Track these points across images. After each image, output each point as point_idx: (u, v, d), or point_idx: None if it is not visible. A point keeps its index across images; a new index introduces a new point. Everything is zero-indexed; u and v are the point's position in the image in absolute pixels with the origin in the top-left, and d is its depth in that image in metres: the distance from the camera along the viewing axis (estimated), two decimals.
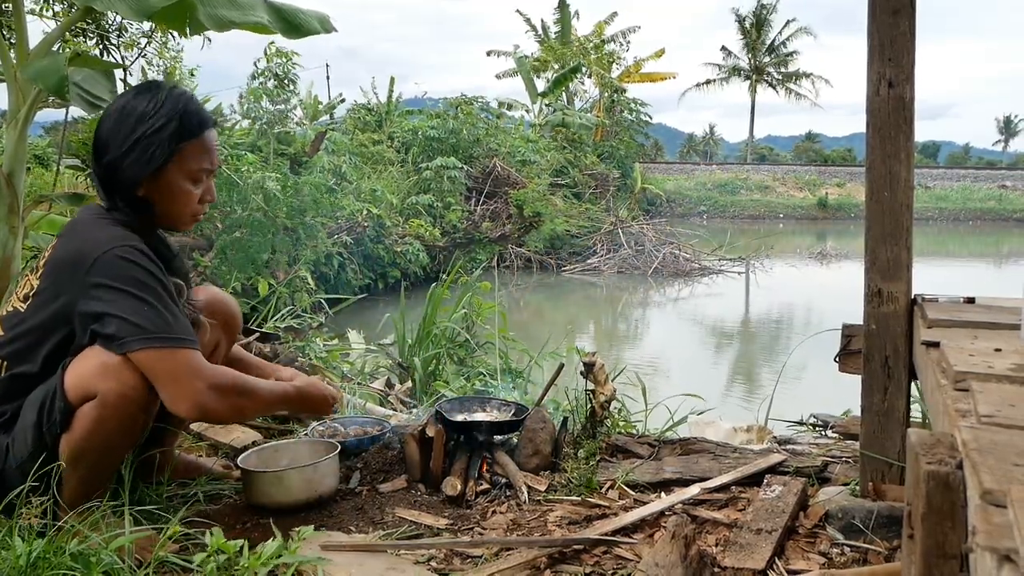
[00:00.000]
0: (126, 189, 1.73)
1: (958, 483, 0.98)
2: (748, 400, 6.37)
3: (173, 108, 1.73)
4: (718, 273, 15.97)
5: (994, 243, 27.21)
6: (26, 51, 2.97)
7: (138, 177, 1.71)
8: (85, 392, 1.62)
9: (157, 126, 1.70)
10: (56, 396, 1.63)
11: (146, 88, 1.79)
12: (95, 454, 1.66)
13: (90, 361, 1.63)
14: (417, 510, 2.03)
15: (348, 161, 12.60)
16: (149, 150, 1.70)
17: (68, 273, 1.66)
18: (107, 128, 1.73)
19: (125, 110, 1.73)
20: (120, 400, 1.62)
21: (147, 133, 1.70)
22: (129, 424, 1.67)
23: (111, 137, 1.72)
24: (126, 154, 1.70)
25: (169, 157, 1.72)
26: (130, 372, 1.62)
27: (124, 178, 1.72)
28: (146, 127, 1.70)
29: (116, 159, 1.71)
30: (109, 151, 1.72)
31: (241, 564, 1.56)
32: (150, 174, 1.72)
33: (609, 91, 29.30)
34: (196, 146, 1.77)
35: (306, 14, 3.09)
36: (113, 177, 1.73)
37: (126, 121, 1.71)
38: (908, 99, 1.94)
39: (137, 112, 1.71)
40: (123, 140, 1.70)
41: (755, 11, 47.03)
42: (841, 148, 68.35)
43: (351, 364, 4.06)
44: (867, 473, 2.02)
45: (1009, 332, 1.70)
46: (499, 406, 2.58)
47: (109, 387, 1.60)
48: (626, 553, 1.78)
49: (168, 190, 1.76)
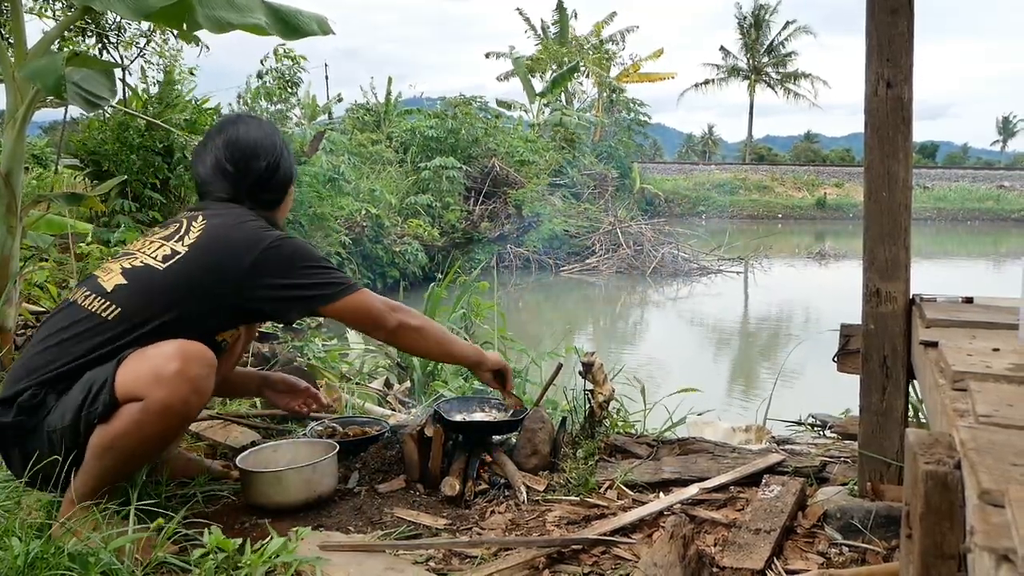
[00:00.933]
0: (283, 185, 2.03)
1: (956, 483, 0.98)
2: (746, 400, 6.37)
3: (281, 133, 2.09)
4: (717, 273, 15.98)
5: (992, 243, 27.24)
6: (24, 51, 2.97)
7: (292, 175, 2.05)
8: (133, 393, 1.64)
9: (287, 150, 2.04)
10: (105, 387, 1.65)
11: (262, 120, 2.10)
12: (123, 454, 1.67)
13: (145, 364, 1.66)
14: (416, 510, 2.03)
15: (347, 161, 12.60)
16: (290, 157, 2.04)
17: (237, 250, 1.82)
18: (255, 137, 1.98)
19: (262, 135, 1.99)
20: (165, 411, 1.64)
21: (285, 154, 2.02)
22: (165, 434, 1.70)
23: (265, 144, 1.98)
24: (282, 157, 2.00)
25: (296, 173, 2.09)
26: (182, 384, 1.64)
27: (283, 176, 2.01)
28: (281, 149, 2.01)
29: (276, 161, 1.98)
30: (266, 155, 1.97)
31: (242, 562, 1.55)
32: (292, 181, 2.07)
33: (607, 91, 29.30)
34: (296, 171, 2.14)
35: (304, 16, 3.09)
36: (273, 176, 1.99)
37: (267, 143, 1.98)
38: (906, 99, 1.94)
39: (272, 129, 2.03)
40: (277, 146, 1.99)
41: (754, 11, 47.07)
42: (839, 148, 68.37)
43: (350, 364, 4.05)
44: (865, 473, 2.02)
45: (1007, 332, 1.71)
46: (498, 406, 2.58)
47: (158, 396, 1.63)
48: (625, 553, 1.78)
49: (289, 198, 2.08)
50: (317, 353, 3.81)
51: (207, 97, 8.39)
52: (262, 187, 1.98)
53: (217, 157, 1.95)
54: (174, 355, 1.66)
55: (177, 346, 1.68)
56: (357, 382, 3.64)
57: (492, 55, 30.91)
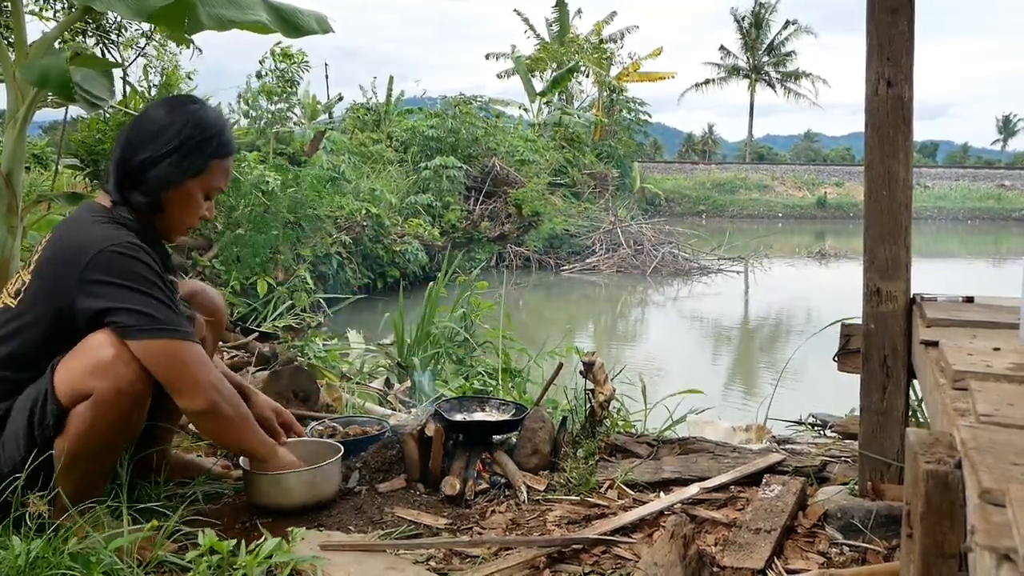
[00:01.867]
0: (154, 188, 1.74)
1: (957, 482, 0.98)
2: (747, 399, 6.37)
3: (215, 126, 1.78)
4: (717, 272, 15.97)
5: (993, 242, 27.23)
6: (25, 50, 2.97)
7: (172, 179, 1.74)
8: (77, 392, 1.60)
9: (199, 139, 1.74)
10: (47, 398, 1.61)
11: (187, 101, 1.85)
12: (91, 454, 1.65)
13: (80, 361, 1.62)
14: (416, 510, 2.03)
15: (347, 161, 12.60)
16: (187, 159, 1.74)
17: (64, 269, 1.65)
18: (145, 130, 1.74)
19: (173, 113, 1.75)
20: (116, 397, 1.61)
21: (193, 141, 1.74)
22: (124, 422, 1.66)
23: (149, 139, 1.73)
24: (167, 155, 1.72)
25: (200, 170, 1.77)
26: (124, 368, 1.61)
27: (156, 177, 1.73)
28: (192, 135, 1.73)
29: (155, 157, 1.72)
30: (147, 148, 1.73)
31: (238, 563, 1.55)
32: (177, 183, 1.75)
33: (608, 90, 29.29)
34: (222, 166, 1.83)
35: (305, 14, 3.09)
36: (144, 174, 1.73)
37: (169, 128, 1.73)
38: (907, 98, 1.94)
39: (184, 119, 1.74)
40: (167, 142, 1.72)
41: (754, 10, 47.04)
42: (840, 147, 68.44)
43: (350, 364, 4.05)
44: (866, 472, 2.02)
45: (1008, 331, 1.71)
46: (498, 405, 2.58)
47: (104, 385, 1.59)
48: (625, 553, 1.78)
49: (184, 199, 1.79)
50: (317, 353, 3.81)
51: (207, 97, 8.39)
52: (131, 183, 1.74)
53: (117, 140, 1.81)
54: (105, 342, 1.61)
55: (105, 334, 1.62)
56: (357, 382, 3.64)
57: (492, 56, 30.89)
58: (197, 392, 1.67)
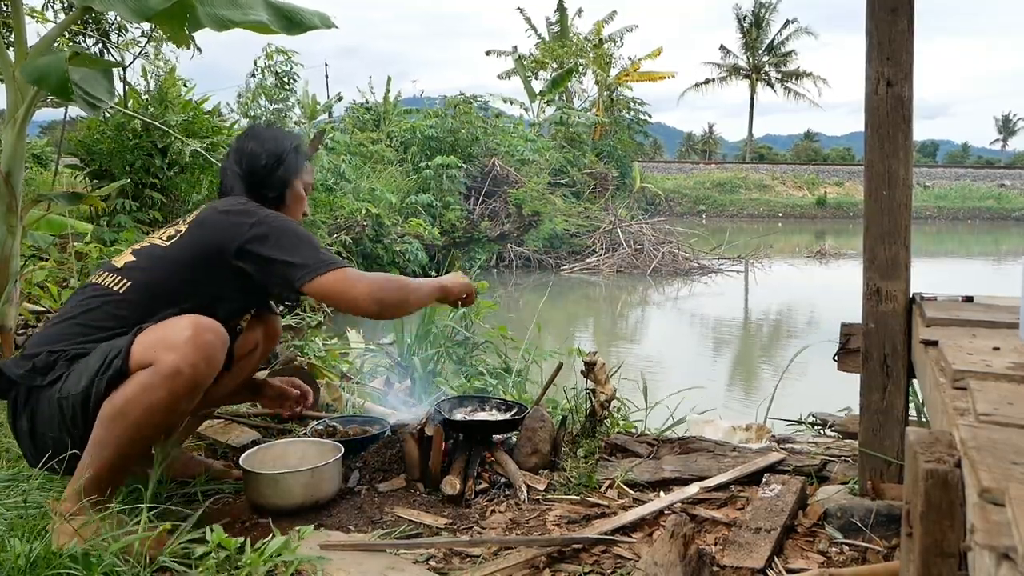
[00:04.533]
0: (280, 186, 2.12)
1: (956, 481, 0.98)
2: (747, 399, 6.37)
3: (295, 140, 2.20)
4: (717, 272, 15.96)
5: (992, 242, 27.22)
6: (25, 50, 2.97)
7: (290, 177, 2.13)
8: (145, 360, 1.69)
9: (293, 146, 2.17)
10: (120, 354, 1.70)
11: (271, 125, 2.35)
12: (129, 422, 1.67)
13: (159, 332, 1.73)
14: (416, 509, 2.03)
15: (347, 160, 12.60)
16: (292, 163, 2.14)
17: (231, 222, 1.92)
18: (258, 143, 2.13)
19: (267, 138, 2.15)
20: (174, 374, 1.67)
21: (290, 148, 2.15)
22: (172, 404, 1.70)
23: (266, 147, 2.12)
24: (277, 163, 2.11)
25: (299, 171, 2.17)
26: (193, 350, 1.68)
27: (279, 177, 2.11)
28: (288, 142, 2.16)
29: (275, 160, 2.11)
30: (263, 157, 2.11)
31: (242, 561, 1.55)
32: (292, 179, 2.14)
33: (608, 90, 29.28)
34: (306, 167, 2.22)
35: (305, 11, 3.09)
36: (271, 176, 2.10)
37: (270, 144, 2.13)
38: (907, 98, 1.94)
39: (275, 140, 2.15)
40: (273, 155, 2.11)
41: (754, 10, 47.06)
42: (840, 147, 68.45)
43: (350, 363, 4.04)
44: (866, 472, 2.02)
45: (1007, 331, 1.71)
46: (498, 405, 2.58)
47: (168, 359, 1.67)
48: (625, 552, 1.78)
49: (295, 194, 2.17)
50: (317, 352, 3.81)
51: (206, 97, 8.39)
52: (261, 182, 2.10)
53: (226, 164, 2.15)
54: (188, 325, 1.73)
55: (191, 319, 1.76)
56: (357, 381, 3.63)
57: (493, 53, 30.89)
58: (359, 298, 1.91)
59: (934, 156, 69.43)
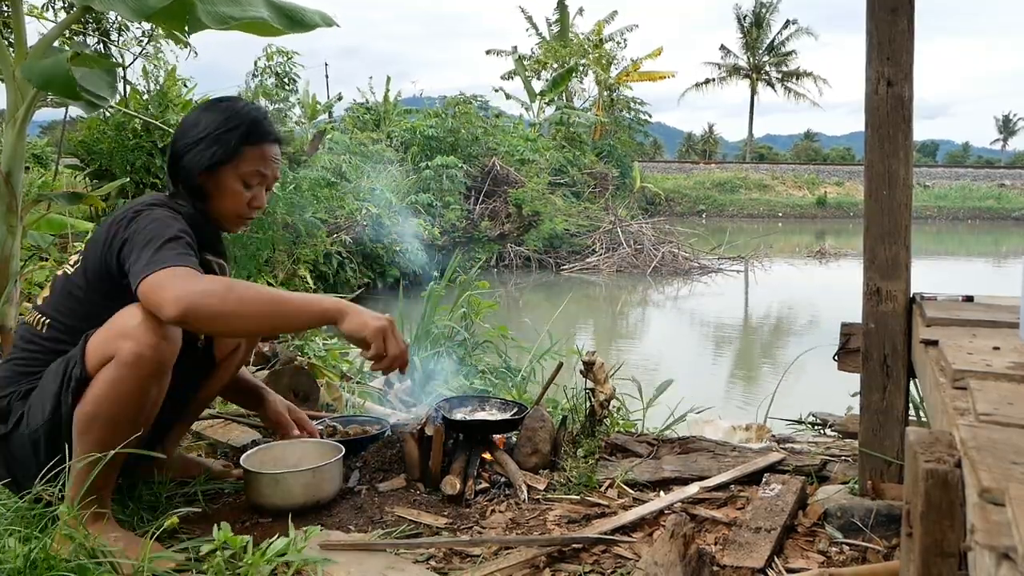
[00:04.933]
0: (186, 176, 1.89)
1: (957, 481, 0.98)
2: (747, 398, 6.37)
3: (245, 115, 1.91)
4: (717, 272, 15.96)
5: (993, 242, 27.21)
6: (25, 50, 2.97)
7: (197, 167, 1.87)
8: (103, 357, 1.64)
9: (227, 127, 1.88)
10: (77, 363, 1.66)
11: (226, 99, 1.99)
12: (107, 421, 1.63)
13: (109, 327, 1.67)
14: (416, 509, 2.03)
15: (347, 160, 12.59)
16: (212, 147, 1.87)
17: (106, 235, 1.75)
18: (186, 123, 1.93)
19: (206, 110, 1.93)
20: (137, 360, 1.61)
21: (216, 131, 1.87)
22: (141, 388, 1.64)
23: (187, 129, 1.91)
24: (195, 144, 1.87)
25: (229, 157, 1.88)
26: (148, 332, 1.62)
27: (185, 166, 1.89)
28: (217, 126, 1.88)
29: (184, 148, 1.89)
30: (180, 140, 1.90)
31: (245, 561, 1.55)
32: (207, 168, 1.87)
33: (608, 90, 29.27)
34: (255, 153, 1.92)
35: (306, 9, 3.08)
36: (177, 163, 1.90)
37: (203, 119, 1.90)
38: (907, 98, 1.94)
39: (213, 113, 1.90)
40: (196, 133, 1.88)
41: (754, 10, 47.06)
42: (840, 147, 68.47)
43: (350, 363, 4.04)
44: (866, 471, 2.02)
45: (1008, 330, 1.71)
46: (498, 405, 2.58)
47: (126, 346, 1.61)
48: (625, 552, 1.78)
49: (221, 186, 1.90)
50: (318, 352, 3.81)
51: (207, 97, 8.39)
52: (174, 171, 1.92)
53: None
54: (136, 311, 1.64)
55: (137, 305, 1.65)
56: (358, 381, 3.63)
57: (493, 52, 30.89)
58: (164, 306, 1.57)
59: (934, 156, 69.44)
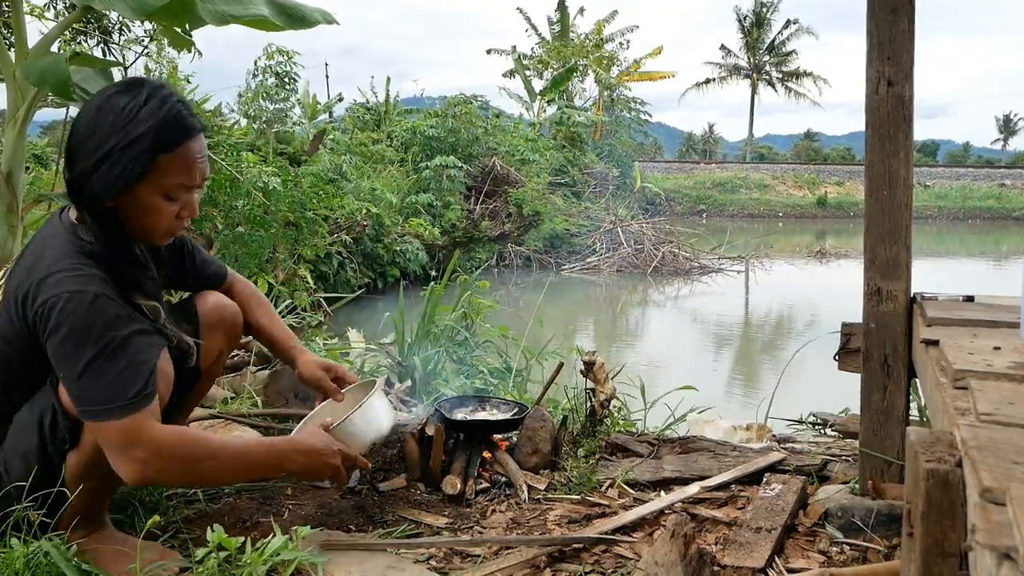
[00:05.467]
0: (92, 203, 1.55)
1: (957, 481, 0.98)
2: (748, 398, 6.36)
3: (151, 117, 1.52)
4: (717, 272, 15.96)
5: (993, 242, 27.22)
6: (25, 50, 2.97)
7: (105, 193, 1.53)
8: None
9: (131, 138, 1.51)
10: (57, 413, 1.54)
11: (126, 88, 1.57)
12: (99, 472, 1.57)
13: None
14: (417, 509, 2.03)
15: (348, 160, 12.60)
16: (119, 164, 1.51)
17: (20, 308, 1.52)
18: (80, 134, 1.55)
19: (100, 113, 1.54)
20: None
21: (119, 146, 1.50)
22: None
23: (82, 144, 1.54)
24: (95, 166, 1.52)
25: (142, 173, 1.53)
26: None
27: (91, 191, 1.54)
28: (119, 138, 1.51)
29: (85, 171, 1.53)
30: (78, 161, 1.54)
31: (243, 560, 1.55)
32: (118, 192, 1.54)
33: (608, 90, 29.28)
34: (173, 161, 1.56)
35: (307, 7, 3.08)
36: (81, 189, 1.55)
37: (99, 128, 1.52)
38: (907, 98, 1.94)
39: (111, 119, 1.52)
40: (94, 150, 1.52)
41: (755, 10, 47.06)
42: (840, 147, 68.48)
43: (351, 363, 4.04)
44: (867, 471, 2.02)
45: (1008, 330, 1.71)
46: (499, 405, 2.58)
47: None
48: (626, 552, 1.78)
49: (139, 206, 1.58)
50: (318, 352, 3.81)
51: (207, 97, 8.40)
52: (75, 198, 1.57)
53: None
54: None
55: None
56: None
57: (494, 52, 30.90)
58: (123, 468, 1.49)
59: (935, 156, 69.39)
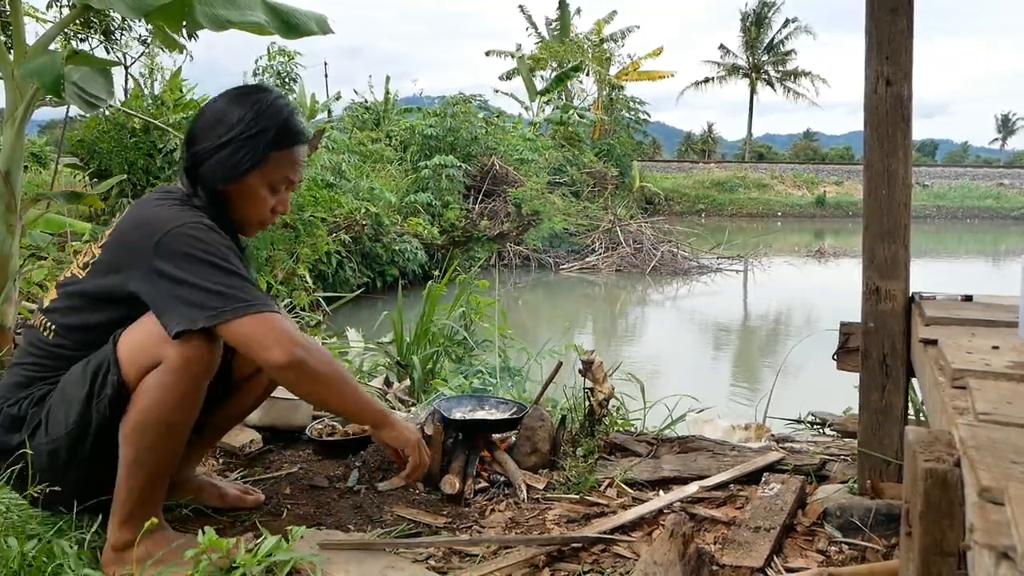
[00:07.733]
0: (207, 183, 1.73)
1: (956, 481, 0.98)
2: (747, 398, 6.37)
3: (273, 117, 1.74)
4: (716, 271, 15.96)
5: (992, 241, 27.23)
6: (24, 49, 2.97)
7: (221, 177, 1.72)
8: (143, 362, 1.56)
9: (253, 132, 1.72)
10: (110, 368, 1.57)
11: (252, 90, 1.79)
12: (159, 428, 1.58)
13: (146, 330, 1.58)
14: (415, 508, 2.03)
15: (347, 160, 12.60)
16: (239, 153, 1.71)
17: (132, 247, 1.63)
18: (205, 120, 1.75)
19: (231, 105, 1.74)
20: (187, 364, 1.56)
21: (240, 136, 1.71)
22: (193, 394, 1.60)
23: (207, 130, 1.73)
24: (216, 150, 1.71)
25: (256, 164, 1.73)
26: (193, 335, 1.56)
27: (207, 172, 1.73)
28: (241, 129, 1.71)
29: (205, 152, 1.72)
30: (199, 142, 1.73)
31: (237, 561, 1.55)
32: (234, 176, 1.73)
33: (608, 89, 29.29)
34: (283, 157, 1.78)
35: (303, 14, 3.08)
36: (197, 168, 1.73)
37: (225, 118, 1.72)
38: (906, 97, 1.94)
39: (238, 113, 1.72)
40: (217, 136, 1.71)
41: (755, 9, 47.06)
42: (839, 146, 68.53)
43: (350, 362, 4.05)
44: (865, 471, 2.02)
45: (1007, 330, 1.71)
46: (498, 404, 2.58)
47: (174, 351, 1.55)
48: (624, 551, 1.78)
49: (246, 193, 1.77)
50: None
51: (206, 97, 8.39)
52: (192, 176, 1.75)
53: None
54: None
55: None
56: (357, 380, 3.63)
57: (494, 53, 30.91)
58: (274, 348, 1.58)
59: (933, 155, 69.46)
